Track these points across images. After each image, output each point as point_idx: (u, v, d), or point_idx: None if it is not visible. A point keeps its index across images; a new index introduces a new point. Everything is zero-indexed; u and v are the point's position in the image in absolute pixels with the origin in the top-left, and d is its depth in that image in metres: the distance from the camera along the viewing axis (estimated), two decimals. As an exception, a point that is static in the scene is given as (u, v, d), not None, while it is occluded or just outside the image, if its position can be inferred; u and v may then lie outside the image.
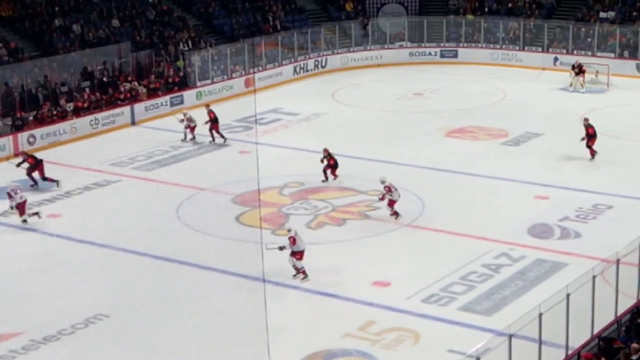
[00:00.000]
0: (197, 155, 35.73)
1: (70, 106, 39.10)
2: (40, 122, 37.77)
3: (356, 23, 52.38)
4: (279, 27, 50.94)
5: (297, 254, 24.11)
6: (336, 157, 31.60)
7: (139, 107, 40.78)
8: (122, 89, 41.23)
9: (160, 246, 26.37)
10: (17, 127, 36.54)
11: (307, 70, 49.48)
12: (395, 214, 28.21)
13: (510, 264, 24.98)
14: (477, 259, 25.20)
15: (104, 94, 40.66)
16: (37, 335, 21.34)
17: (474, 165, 33.29)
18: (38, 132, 36.83)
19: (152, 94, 42.21)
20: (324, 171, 31.49)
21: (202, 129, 36.90)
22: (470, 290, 23.46)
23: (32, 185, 31.54)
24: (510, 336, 16.77)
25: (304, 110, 41.90)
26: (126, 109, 40.31)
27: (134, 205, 30.13)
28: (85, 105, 39.44)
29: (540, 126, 36.93)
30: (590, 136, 33.40)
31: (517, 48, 50.52)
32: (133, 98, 41.21)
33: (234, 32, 49.48)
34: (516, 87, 45.39)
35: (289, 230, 24.44)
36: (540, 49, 50.07)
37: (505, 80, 46.96)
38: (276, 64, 48.27)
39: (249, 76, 46.05)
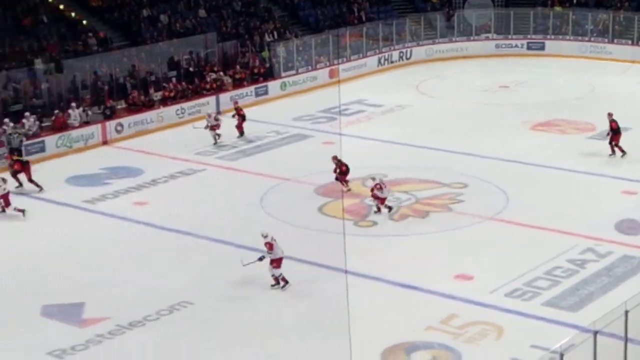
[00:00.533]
0: (280, 145, 35.92)
1: (157, 95, 39.68)
2: (128, 110, 38.42)
3: (441, 14, 52.03)
4: (364, 18, 50.88)
5: (274, 262, 23.21)
6: (347, 164, 30.18)
7: (224, 97, 41.14)
8: (207, 79, 41.65)
9: (243, 235, 26.58)
10: (105, 116, 37.18)
11: (392, 62, 49.35)
12: (379, 210, 27.94)
13: (596, 259, 24.59)
14: (562, 254, 24.86)
15: (190, 83, 41.13)
16: (123, 321, 21.71)
17: (560, 159, 32.84)
18: (126, 120, 37.45)
19: (238, 84, 42.59)
20: (340, 180, 30.02)
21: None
22: (554, 285, 23.16)
23: (17, 187, 30.86)
24: (596, 333, 16.51)
25: (388, 102, 41.80)
26: (211, 99, 40.72)
27: (218, 194, 30.44)
28: (172, 94, 39.96)
29: (628, 120, 36.25)
30: (615, 132, 32.62)
31: (606, 40, 49.65)
32: (218, 88, 41.61)
33: (319, 23, 49.58)
34: (604, 81, 44.63)
35: (265, 236, 23.13)
36: (630, 42, 49.12)
37: (593, 73, 46.22)
38: (361, 55, 48.25)
39: (334, 67, 46.12)
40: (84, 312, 22.20)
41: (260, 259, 23.10)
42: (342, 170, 30.01)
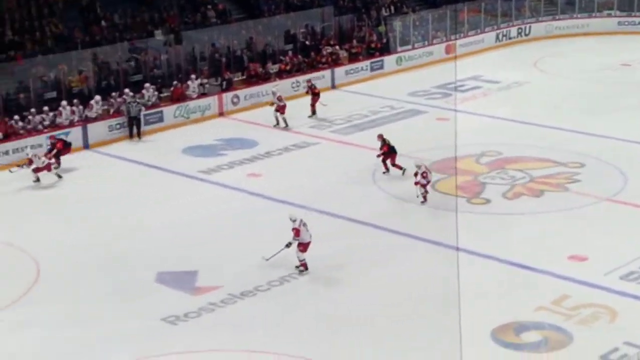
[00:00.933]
0: (394, 120, 35.80)
1: (273, 68, 39.97)
2: (245, 82, 38.82)
3: (563, -10, 50.98)
4: (482, -6, 50.20)
5: (301, 245, 22.94)
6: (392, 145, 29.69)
7: (339, 70, 41.20)
8: (323, 53, 41.74)
9: (355, 209, 26.64)
10: (222, 88, 37.64)
11: (510, 38, 48.59)
12: (425, 199, 26.98)
13: None
14: (681, 238, 24.23)
15: (306, 57, 41.29)
16: (235, 290, 22.04)
17: (683, 140, 31.93)
18: (242, 92, 37.85)
19: (353, 58, 42.56)
20: (383, 161, 29.64)
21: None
22: (672, 270, 22.61)
23: (55, 168, 30.31)
24: None
25: (505, 79, 41.22)
26: (327, 73, 40.81)
27: (331, 168, 30.55)
28: (288, 67, 40.19)
29: None
30: None
31: None
32: (334, 62, 41.66)
33: (436, -2, 49.17)
34: None
35: (294, 221, 22.81)
36: None
37: None
38: (478, 30, 47.64)
39: (450, 42, 45.66)
40: (197, 281, 22.62)
41: (288, 245, 22.85)
42: (384, 150, 29.56)
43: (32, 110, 32.69)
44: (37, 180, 29.27)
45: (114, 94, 34.83)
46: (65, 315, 20.96)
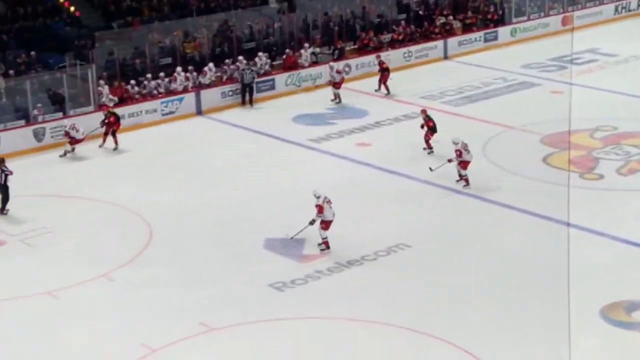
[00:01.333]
0: (507, 92, 35.33)
1: (386, 38, 39.81)
2: (357, 52, 38.78)
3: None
4: (601, -36, 48.97)
5: (324, 223, 22.52)
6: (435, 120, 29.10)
7: (452, 41, 40.80)
8: (437, 23, 41.38)
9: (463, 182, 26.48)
10: (334, 57, 37.66)
11: (630, 10, 47.32)
12: (465, 180, 26.10)
13: None
14: None
15: (419, 27, 41.00)
16: (341, 259, 22.15)
17: None
18: (354, 62, 37.82)
19: (467, 29, 42.08)
20: (426, 138, 28.91)
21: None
22: None
23: (100, 146, 30.11)
24: None
25: (623, 52, 40.20)
26: (439, 43, 40.46)
27: (439, 139, 30.31)
28: (400, 37, 39.98)
29: None
30: None
31: None
32: (447, 32, 41.27)
33: (554, -31, 48.12)
34: None
35: (318, 197, 22.43)
36: None
37: None
38: (597, 2, 46.50)
39: (567, 14, 44.71)
40: (305, 248, 22.80)
41: (311, 222, 22.54)
42: (429, 126, 28.94)
43: (148, 75, 33.30)
44: (72, 151, 29.32)
45: (227, 61, 35.21)
46: (176, 277, 21.40)
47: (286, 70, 36.13)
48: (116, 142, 29.98)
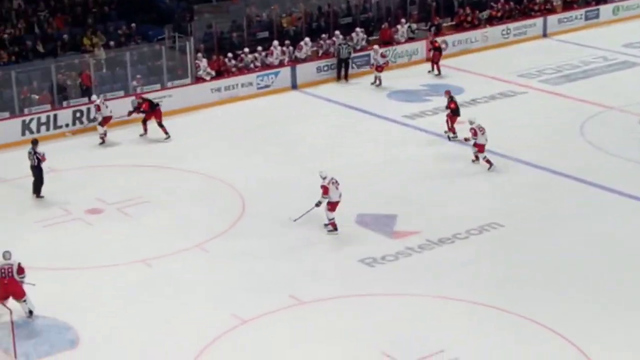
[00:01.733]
0: (607, 72, 34.68)
1: (484, 14, 39.35)
2: (454, 28, 38.44)
3: None
4: None
5: (330, 204, 22.13)
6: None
7: (552, 19, 40.15)
8: (536, 0, 40.72)
9: (559, 161, 26.10)
10: (431, 32, 37.37)
11: None
12: (477, 158, 25.73)
13: None
14: None
15: (518, 4, 40.41)
16: (432, 236, 22.10)
17: None
18: (451, 38, 37.51)
19: (568, 6, 41.33)
20: (448, 119, 28.42)
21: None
22: None
23: (141, 135, 29.06)
24: None
25: None
26: (539, 21, 39.85)
27: (537, 118, 29.98)
28: (499, 14, 39.48)
29: None
30: None
31: None
32: (547, 10, 40.59)
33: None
34: None
35: (324, 178, 21.96)
36: None
37: None
38: None
39: (672, -8, 43.55)
40: (396, 224, 22.79)
41: (317, 204, 22.12)
42: (451, 108, 28.43)
43: (246, 50, 33.54)
44: (105, 135, 28.41)
45: (323, 35, 35.26)
46: (268, 249, 21.60)
47: (382, 46, 36.01)
48: (145, 130, 28.91)
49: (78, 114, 29.53)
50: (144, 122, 28.92)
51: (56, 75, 29.72)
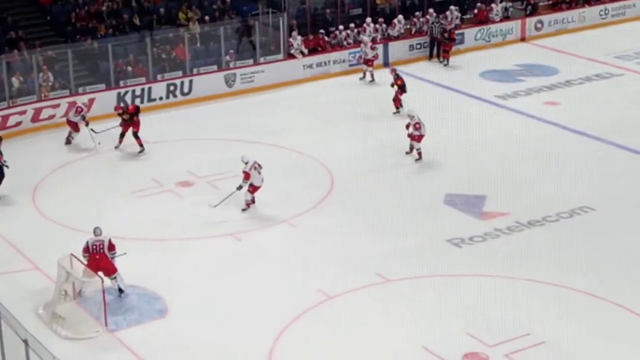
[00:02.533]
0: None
1: (583, -7, 38.66)
2: (551, 8, 37.79)
3: None
4: None
5: (251, 187, 22.20)
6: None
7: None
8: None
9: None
10: (527, 12, 36.85)
11: None
12: (411, 149, 25.07)
13: None
14: None
15: (617, -16, 39.56)
16: (522, 218, 21.88)
17: None
18: (547, 18, 36.88)
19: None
20: (395, 99, 28.40)
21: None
22: None
23: (116, 147, 26.41)
24: None
25: None
26: (638, 2, 38.85)
27: (633, 101, 29.36)
28: (599, -7, 38.74)
29: None
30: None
31: None
32: (647, -10, 39.66)
33: None
34: None
35: (246, 163, 22.05)
36: None
37: None
38: None
39: None
40: (485, 205, 22.62)
41: (238, 188, 22.16)
42: (397, 84, 28.22)
43: (340, 27, 33.49)
44: (72, 138, 26.61)
45: (417, 13, 35.02)
46: (355, 226, 21.64)
47: (476, 25, 35.63)
48: (120, 142, 26.33)
49: (172, 88, 29.95)
50: (122, 135, 26.28)
51: (151, 49, 30.14)
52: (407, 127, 25.16)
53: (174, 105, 29.72)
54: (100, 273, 18.31)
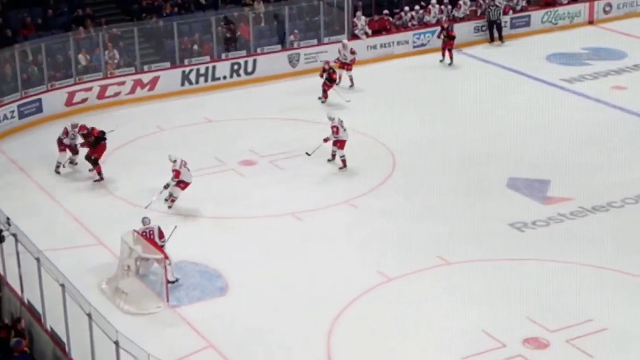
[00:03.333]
0: None
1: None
2: (619, -9, 37.23)
3: None
4: None
5: (182, 184, 21.47)
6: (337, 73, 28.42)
7: None
8: None
9: None
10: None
11: None
12: (342, 161, 23.46)
13: None
14: None
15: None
16: (586, 203, 21.62)
17: None
18: (615, 1, 36.19)
19: None
20: (324, 86, 28.00)
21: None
22: None
23: (72, 162, 24.04)
24: None
25: None
26: None
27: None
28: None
29: None
30: None
31: None
32: None
33: None
34: None
35: (174, 161, 21.33)
36: None
37: None
38: None
39: None
40: (549, 190, 22.38)
41: (165, 186, 21.43)
42: (331, 78, 27.90)
43: (406, 8, 33.27)
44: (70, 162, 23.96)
45: (483, -5, 34.73)
46: (416, 208, 21.57)
47: (543, 7, 35.16)
48: (74, 160, 23.91)
49: (236, 67, 30.06)
50: (88, 158, 23.44)
51: (216, 28, 30.26)
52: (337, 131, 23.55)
53: (238, 84, 29.83)
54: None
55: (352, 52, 29.49)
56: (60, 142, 23.66)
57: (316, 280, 18.82)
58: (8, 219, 17.16)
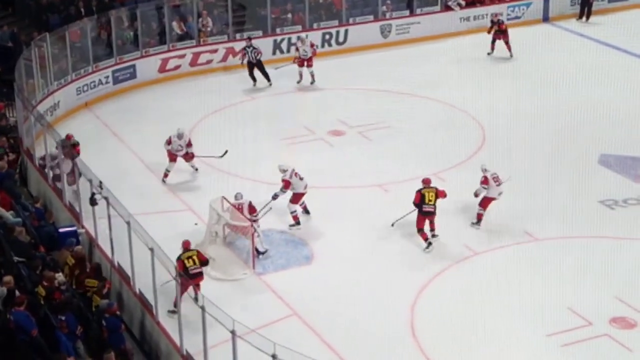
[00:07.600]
0: None
1: None
2: None
3: None
4: None
5: (294, 196, 19.41)
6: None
7: None
8: None
9: None
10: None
11: None
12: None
13: None
14: None
15: None
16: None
17: None
18: None
19: None
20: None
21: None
22: None
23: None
24: None
25: None
26: None
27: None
28: None
29: None
30: None
31: None
32: None
33: None
34: None
35: (284, 171, 19.47)
36: None
37: None
38: None
39: None
40: (644, 167, 22.03)
41: (274, 197, 19.46)
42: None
43: (503, -21, 32.87)
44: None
45: (581, -34, 33.98)
46: (505, 183, 21.24)
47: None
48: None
49: (327, 37, 30.07)
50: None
51: (309, -3, 30.30)
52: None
53: (329, 54, 29.83)
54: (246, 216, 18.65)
55: (312, 46, 27.55)
56: (167, 151, 22.01)
57: (402, 252, 18.84)
58: (101, 182, 17.54)
